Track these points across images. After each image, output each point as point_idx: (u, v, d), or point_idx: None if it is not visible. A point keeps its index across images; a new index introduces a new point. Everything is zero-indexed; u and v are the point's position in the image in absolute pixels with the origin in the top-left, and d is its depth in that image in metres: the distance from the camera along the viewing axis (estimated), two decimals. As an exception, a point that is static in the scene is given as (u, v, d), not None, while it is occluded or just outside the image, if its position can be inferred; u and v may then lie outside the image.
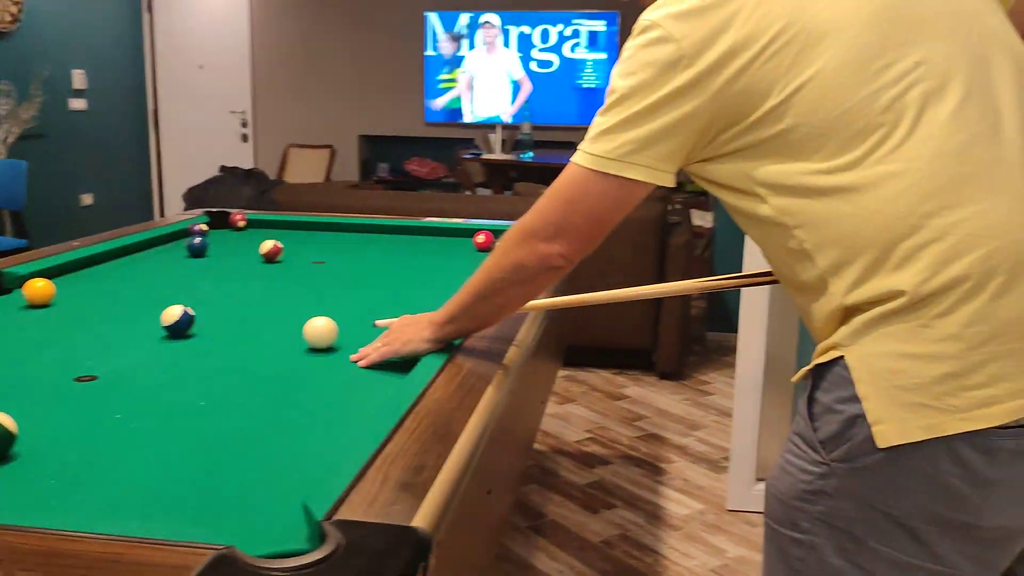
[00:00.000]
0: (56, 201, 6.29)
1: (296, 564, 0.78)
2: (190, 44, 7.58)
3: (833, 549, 1.02)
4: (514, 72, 7.44)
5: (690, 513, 2.79)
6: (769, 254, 1.11)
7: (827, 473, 1.01)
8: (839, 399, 0.99)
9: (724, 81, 1.01)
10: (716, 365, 4.34)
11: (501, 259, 1.27)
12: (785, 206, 1.02)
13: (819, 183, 0.99)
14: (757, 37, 1.00)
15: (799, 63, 0.99)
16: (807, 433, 1.04)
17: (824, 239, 1.00)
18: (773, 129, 1.01)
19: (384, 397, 1.27)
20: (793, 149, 1.00)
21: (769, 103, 1.00)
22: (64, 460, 1.08)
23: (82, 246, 2.31)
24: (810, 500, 1.02)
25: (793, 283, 1.08)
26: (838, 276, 1.00)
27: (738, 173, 1.06)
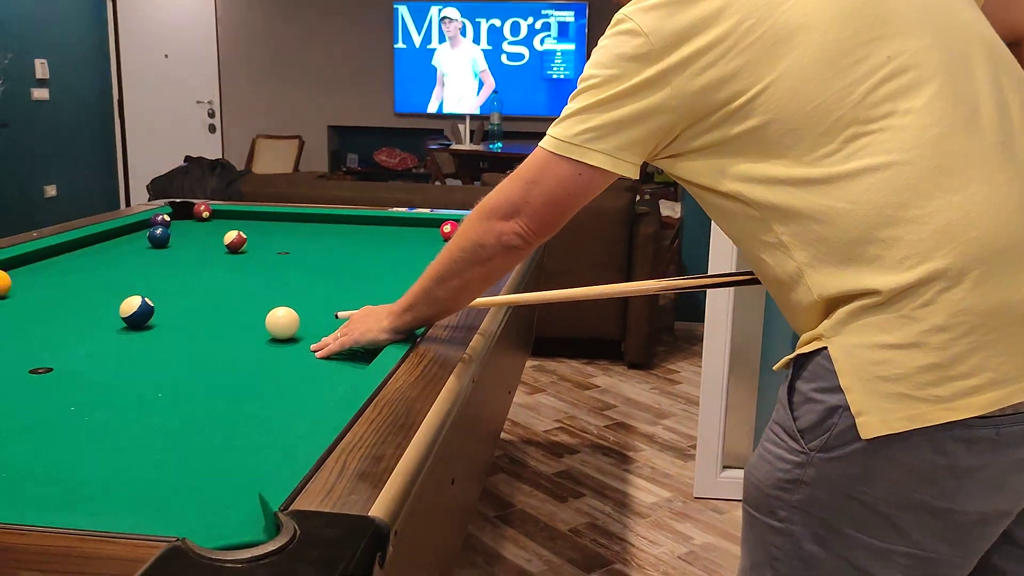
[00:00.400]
0: (19, 192, 6.19)
1: (250, 555, 0.77)
2: (155, 33, 7.48)
3: (810, 537, 1.02)
4: (478, 65, 7.42)
5: (657, 501, 2.81)
6: (745, 249, 1.11)
7: (805, 462, 1.01)
8: (820, 389, 0.99)
9: (690, 77, 1.02)
10: (684, 354, 4.36)
11: (460, 239, 1.27)
12: (760, 201, 1.02)
13: (794, 176, 1.00)
14: (726, 35, 1.00)
15: (768, 60, 0.99)
16: (786, 422, 1.04)
17: (801, 232, 1.00)
18: (744, 125, 1.01)
19: (345, 387, 1.26)
20: (766, 145, 1.01)
21: (738, 100, 1.01)
22: (14, 453, 1.06)
23: (41, 237, 2.27)
24: (788, 488, 1.03)
25: (771, 277, 1.07)
26: (816, 269, 1.00)
27: (710, 169, 1.06)
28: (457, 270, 1.29)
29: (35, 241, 2.21)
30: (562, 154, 1.11)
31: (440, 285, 1.34)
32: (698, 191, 1.11)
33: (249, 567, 0.75)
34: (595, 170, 1.09)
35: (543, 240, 1.21)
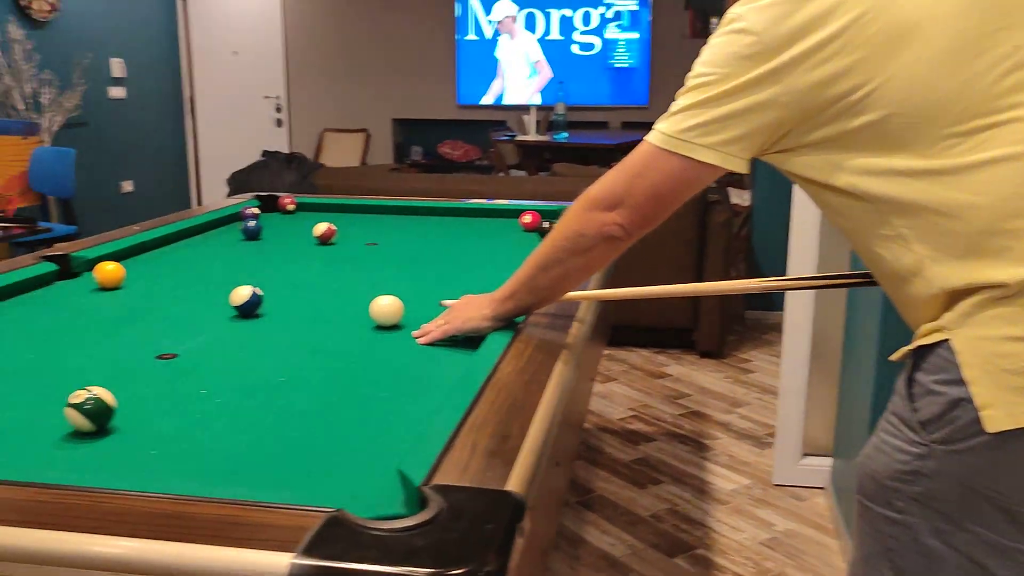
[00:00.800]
0: (98, 188, 6.40)
1: (404, 525, 0.82)
2: (224, 31, 7.65)
3: (929, 530, 1.02)
4: (531, 56, 7.44)
5: (736, 488, 2.82)
6: (859, 243, 1.11)
7: (926, 454, 1.01)
8: (942, 381, 0.99)
9: (803, 73, 1.03)
10: (756, 343, 4.35)
11: (562, 227, 1.31)
12: (878, 194, 1.03)
13: (915, 169, 1.00)
14: (841, 31, 1.01)
15: (887, 54, 1.00)
16: (905, 413, 1.04)
17: (922, 225, 1.00)
18: (862, 119, 1.02)
19: (457, 372, 1.31)
20: (886, 138, 1.01)
21: (856, 94, 1.01)
22: (160, 432, 1.13)
23: (143, 230, 2.37)
24: (907, 480, 1.03)
25: (886, 270, 1.08)
26: (939, 262, 1.00)
27: (824, 164, 1.07)
28: (558, 259, 1.33)
29: (138, 235, 2.31)
30: (669, 149, 1.13)
31: (541, 273, 1.37)
32: (810, 186, 1.12)
33: (407, 536, 0.80)
34: (702, 165, 1.11)
35: (644, 232, 1.23)
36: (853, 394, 2.48)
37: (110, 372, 1.35)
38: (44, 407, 1.19)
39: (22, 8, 5.65)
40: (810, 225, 2.69)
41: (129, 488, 0.90)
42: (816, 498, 2.75)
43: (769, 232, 4.47)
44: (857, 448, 2.36)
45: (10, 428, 1.13)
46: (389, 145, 7.91)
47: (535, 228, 2.53)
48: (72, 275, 1.99)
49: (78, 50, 6.10)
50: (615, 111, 7.47)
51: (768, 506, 2.70)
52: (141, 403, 1.22)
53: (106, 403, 1.11)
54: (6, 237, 3.99)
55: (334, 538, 0.80)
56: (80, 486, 0.90)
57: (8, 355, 1.43)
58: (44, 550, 0.80)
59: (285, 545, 0.78)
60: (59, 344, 1.50)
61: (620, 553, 2.42)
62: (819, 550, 2.45)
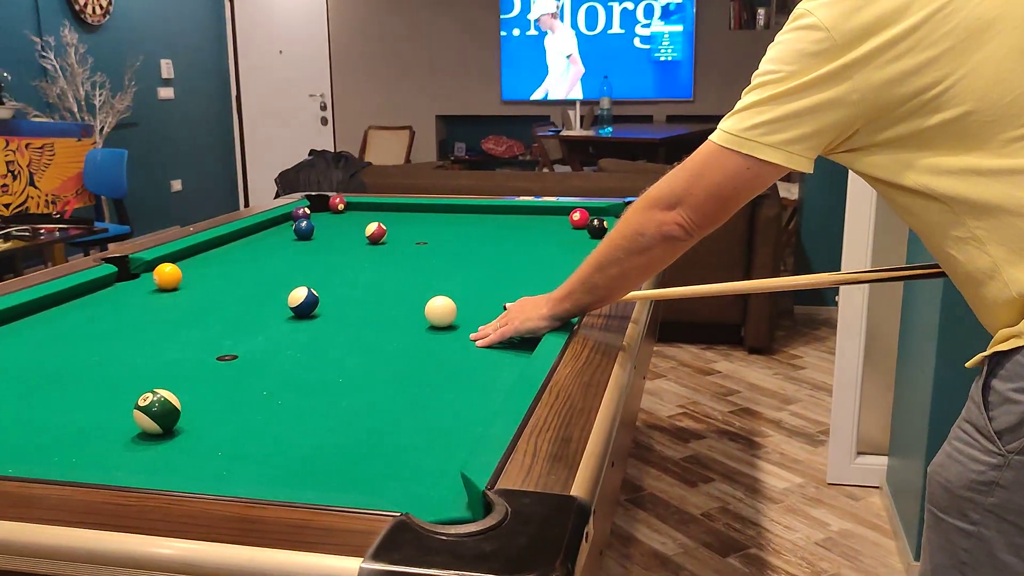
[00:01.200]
0: (149, 188, 6.52)
1: (471, 530, 0.82)
2: (270, 30, 7.74)
3: (1004, 543, 1.00)
4: (565, 50, 7.41)
5: (789, 486, 2.79)
6: (931, 244, 1.09)
7: (1002, 464, 0.99)
8: (1020, 389, 0.97)
9: (875, 70, 1.01)
10: (806, 339, 4.29)
11: (622, 226, 1.29)
12: (951, 194, 1.01)
13: (992, 168, 0.98)
14: (915, 27, 0.99)
15: (964, 51, 0.98)
16: (980, 422, 1.02)
17: (998, 226, 0.99)
18: (938, 117, 1.00)
19: (514, 373, 1.31)
20: (962, 137, 1.00)
21: (930, 92, 1.00)
22: (225, 434, 1.15)
23: (197, 231, 2.41)
24: (982, 491, 1.01)
25: (960, 273, 1.06)
26: (1016, 264, 0.98)
27: (894, 163, 1.05)
28: (616, 258, 1.31)
29: (193, 236, 2.35)
30: (732, 148, 1.11)
31: (599, 273, 1.36)
32: (879, 185, 1.10)
33: (474, 541, 0.81)
34: (765, 164, 1.10)
35: (705, 233, 1.21)
36: (910, 391, 2.44)
37: (173, 374, 1.38)
38: (112, 409, 1.21)
39: (76, 12, 5.77)
40: (864, 217, 2.64)
41: (198, 491, 0.92)
42: (871, 497, 2.71)
43: (818, 225, 4.40)
44: (914, 447, 2.32)
45: (81, 430, 1.16)
46: (433, 142, 7.95)
47: (583, 225, 2.53)
48: (131, 277, 2.03)
49: (129, 52, 6.22)
50: (660, 104, 7.42)
51: (822, 505, 2.66)
52: (205, 405, 1.24)
53: (172, 405, 1.13)
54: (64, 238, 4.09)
55: (402, 543, 0.80)
56: (153, 489, 0.92)
57: (75, 357, 1.46)
58: (122, 552, 0.82)
59: (354, 549, 0.79)
60: (123, 346, 1.53)
61: (671, 552, 2.41)
62: (876, 550, 2.41)
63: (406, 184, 4.25)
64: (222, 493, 0.91)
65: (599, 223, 2.42)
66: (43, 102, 5.50)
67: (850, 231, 2.68)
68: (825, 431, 3.12)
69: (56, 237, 4.08)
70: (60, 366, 1.42)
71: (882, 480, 2.73)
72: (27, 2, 5.46)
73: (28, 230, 4.02)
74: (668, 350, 4.14)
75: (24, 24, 5.42)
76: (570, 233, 2.52)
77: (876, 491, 2.74)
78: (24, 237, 3.95)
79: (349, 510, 0.87)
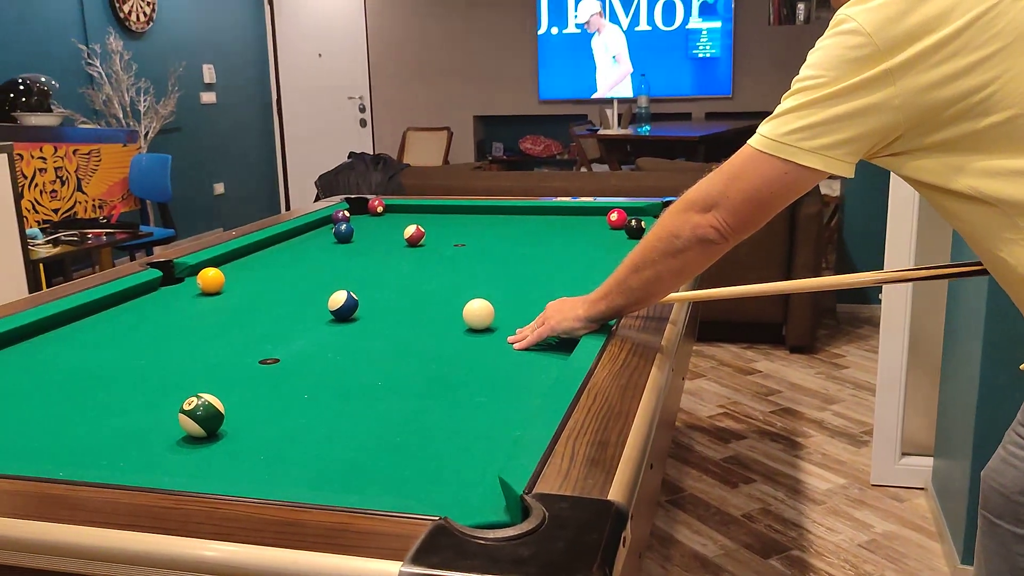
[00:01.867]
0: (192, 191, 6.63)
1: (509, 535, 0.83)
2: (309, 34, 7.83)
3: None
4: (611, 49, 7.38)
5: (832, 488, 2.76)
6: (982, 247, 1.08)
7: None
8: None
9: (918, 75, 1.00)
10: (849, 337, 4.24)
11: (658, 228, 1.29)
12: (1003, 196, 1.00)
13: None
14: (960, 31, 0.98)
15: (1011, 54, 0.97)
16: None
17: None
18: (988, 120, 0.99)
19: (551, 376, 1.31)
20: (1013, 139, 0.98)
21: (978, 95, 0.99)
22: (267, 437, 1.17)
23: (239, 235, 2.44)
24: None
25: (1012, 276, 1.05)
26: None
27: (942, 167, 1.04)
28: (651, 260, 1.31)
29: (235, 240, 2.38)
30: (770, 152, 1.10)
31: (634, 275, 1.36)
32: (926, 190, 1.09)
33: (511, 546, 0.81)
34: (804, 169, 1.09)
35: (741, 237, 1.21)
36: (955, 391, 2.40)
37: (217, 377, 1.40)
38: (157, 412, 1.24)
39: (121, 20, 5.89)
40: (908, 213, 2.60)
41: (241, 494, 0.93)
42: (917, 499, 2.67)
43: (861, 223, 4.34)
44: (960, 448, 2.28)
45: (128, 433, 1.18)
46: (471, 142, 7.97)
47: (621, 225, 2.52)
48: (175, 281, 2.07)
49: (172, 58, 6.32)
50: (698, 102, 7.37)
51: (866, 507, 2.63)
52: (247, 408, 1.26)
53: (216, 409, 1.15)
54: (111, 242, 4.17)
55: (441, 547, 0.81)
56: (197, 492, 0.94)
57: (122, 361, 1.50)
58: (167, 554, 0.83)
59: (394, 553, 0.80)
60: (167, 350, 1.57)
61: (712, 553, 2.40)
62: (921, 553, 2.38)
63: (444, 185, 4.28)
64: (264, 496, 0.93)
65: (637, 223, 2.41)
66: (90, 109, 5.62)
67: (893, 228, 2.64)
68: (868, 431, 3.08)
69: (103, 241, 4.17)
70: (107, 370, 1.45)
71: (927, 482, 2.68)
72: (74, 11, 5.58)
73: (76, 235, 4.11)
74: (708, 349, 4.11)
75: (71, 33, 5.54)
76: (608, 233, 2.51)
77: (921, 493, 2.70)
78: (73, 241, 4.03)
79: (388, 514, 0.88)
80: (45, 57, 5.31)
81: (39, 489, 0.96)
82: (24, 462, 1.08)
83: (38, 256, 3.80)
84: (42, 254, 3.84)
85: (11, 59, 5.04)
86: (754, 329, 4.18)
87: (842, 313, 4.58)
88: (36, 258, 3.77)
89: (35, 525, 0.88)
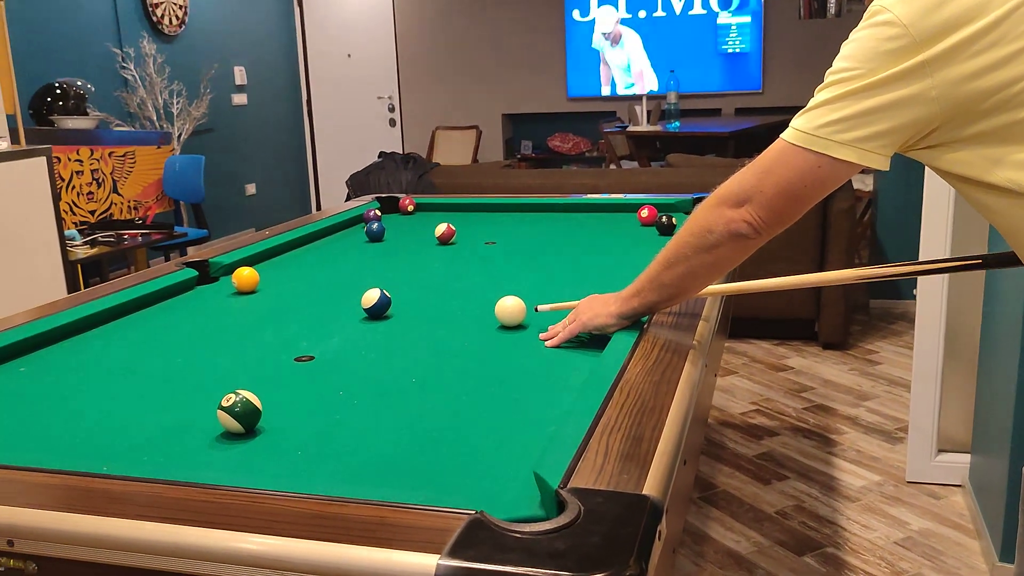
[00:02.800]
0: (225, 192, 6.70)
1: (545, 528, 0.83)
2: (338, 35, 7.87)
3: None
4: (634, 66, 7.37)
5: (866, 484, 2.73)
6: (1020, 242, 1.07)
7: None
8: None
9: (956, 66, 0.99)
10: (882, 333, 4.19)
11: (691, 223, 1.28)
12: None
13: None
14: (999, 21, 0.97)
15: None
16: None
17: None
18: None
19: (584, 372, 1.32)
20: None
21: (1016, 87, 0.97)
22: (304, 433, 1.18)
23: (272, 235, 2.47)
24: None
25: None
26: None
27: (981, 159, 1.03)
28: (684, 256, 1.30)
29: (269, 239, 2.41)
30: (803, 146, 1.10)
31: (667, 271, 1.35)
32: (962, 184, 1.08)
33: (548, 539, 0.82)
34: (838, 162, 1.08)
35: (774, 232, 1.20)
36: (993, 387, 2.37)
37: (254, 374, 1.42)
38: (197, 409, 1.26)
39: (154, 24, 5.96)
40: (943, 208, 2.57)
41: (280, 488, 0.95)
42: (954, 496, 2.64)
43: (894, 217, 4.30)
44: (999, 445, 2.25)
45: (168, 429, 1.21)
46: (500, 140, 7.98)
47: (652, 222, 2.51)
48: (211, 280, 2.10)
49: (204, 61, 6.40)
50: (728, 97, 7.32)
51: (902, 504, 2.60)
52: (284, 405, 1.28)
53: (254, 405, 1.17)
54: (147, 243, 4.23)
55: (478, 540, 0.82)
56: (237, 486, 0.95)
57: (160, 359, 1.52)
58: (209, 547, 0.85)
59: (431, 546, 0.81)
60: (205, 348, 1.59)
61: (746, 550, 2.39)
62: (959, 551, 2.35)
63: (474, 183, 4.29)
64: (302, 490, 0.95)
65: (667, 220, 2.41)
66: (124, 112, 5.70)
67: (927, 222, 2.61)
68: (904, 428, 3.05)
69: (139, 242, 4.23)
70: (147, 367, 1.48)
71: (964, 478, 2.65)
72: (108, 16, 5.66)
73: (113, 236, 4.17)
74: (740, 346, 4.09)
75: (106, 37, 5.62)
76: (638, 230, 2.51)
77: (958, 490, 2.67)
78: (109, 242, 4.10)
79: (426, 507, 0.89)
80: (81, 62, 5.39)
81: (85, 483, 0.99)
82: (69, 457, 1.10)
83: (76, 257, 3.87)
84: (80, 255, 3.90)
85: (49, 64, 5.13)
86: (786, 325, 4.15)
87: (875, 309, 4.53)
88: (74, 259, 3.84)
89: (82, 518, 0.90)
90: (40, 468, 1.03)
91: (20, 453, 1.13)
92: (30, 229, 3.45)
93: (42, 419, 1.27)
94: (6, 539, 0.90)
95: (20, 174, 3.39)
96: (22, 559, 0.90)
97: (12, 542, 0.90)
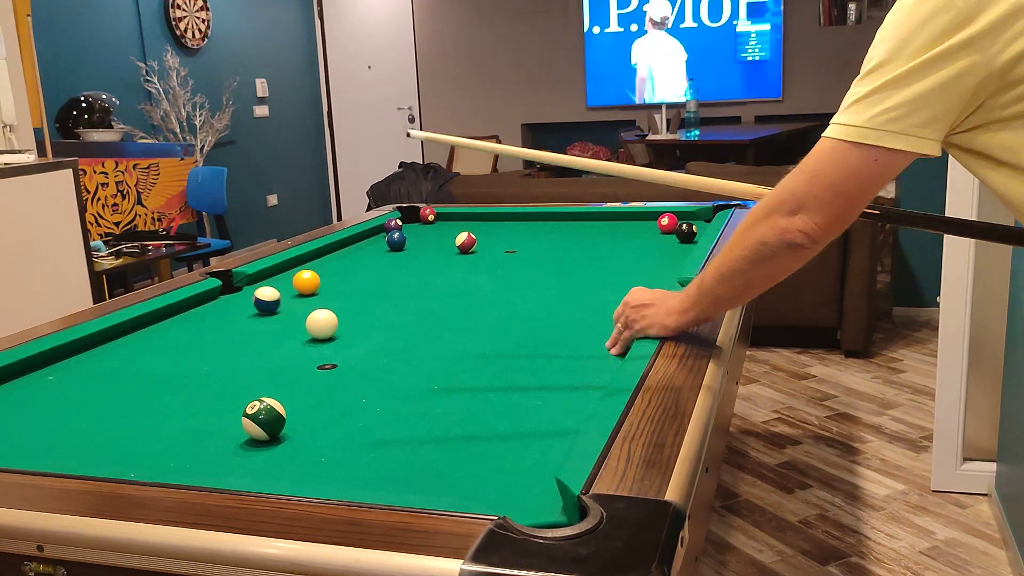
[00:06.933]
0: (247, 203, 6.75)
1: (567, 534, 0.84)
2: (358, 47, 7.93)
3: None
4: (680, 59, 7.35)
5: (891, 493, 2.71)
6: None
7: None
8: None
9: (1003, 42, 0.95)
10: (906, 341, 4.16)
11: (741, 237, 1.21)
12: None
13: None
14: None
15: None
16: None
17: None
18: None
19: (606, 377, 1.32)
20: None
21: None
22: (327, 440, 1.19)
23: (294, 245, 2.49)
24: None
25: None
26: None
27: (1019, 142, 0.99)
28: (740, 269, 1.24)
29: (291, 249, 2.43)
30: (854, 140, 1.04)
31: (722, 284, 1.29)
32: (994, 173, 1.03)
33: (570, 545, 0.82)
34: (893, 153, 1.02)
35: (832, 237, 1.13)
36: (1019, 394, 2.34)
37: (277, 382, 1.44)
38: (221, 416, 1.27)
39: (177, 37, 6.04)
40: (966, 214, 2.55)
41: (304, 494, 0.96)
42: (979, 505, 2.61)
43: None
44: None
45: (194, 435, 1.22)
46: (519, 150, 7.99)
47: (672, 230, 2.51)
48: (234, 290, 2.12)
49: (226, 73, 6.46)
50: (748, 105, 7.30)
51: (927, 513, 2.58)
52: (308, 412, 1.29)
53: (278, 413, 1.18)
54: (171, 254, 4.27)
55: (500, 545, 0.82)
56: (262, 492, 0.96)
57: (186, 367, 1.54)
58: (234, 552, 0.86)
59: (454, 552, 0.81)
60: (229, 356, 1.61)
61: (768, 559, 2.37)
62: (985, 560, 2.33)
63: (494, 193, 4.30)
64: (326, 497, 0.95)
65: (688, 227, 2.41)
66: (148, 124, 5.77)
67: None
68: (928, 436, 3.02)
69: (163, 253, 4.27)
70: (172, 375, 1.49)
71: (991, 487, 2.62)
72: (132, 30, 5.73)
73: (137, 247, 4.22)
74: (761, 354, 4.07)
75: (130, 51, 5.70)
76: (659, 238, 2.51)
77: (984, 499, 2.64)
78: (134, 253, 4.14)
79: (448, 513, 0.89)
80: (106, 75, 5.46)
81: (112, 489, 1.00)
82: (97, 464, 1.12)
83: (101, 268, 3.91)
84: (105, 266, 3.95)
85: (74, 78, 5.20)
86: (808, 333, 4.12)
87: (899, 316, 4.50)
88: (99, 270, 3.88)
89: (109, 524, 0.91)
90: (69, 474, 1.04)
91: (49, 459, 1.14)
92: (57, 240, 3.49)
93: (70, 426, 1.29)
94: (36, 544, 0.92)
95: (47, 187, 3.44)
96: (52, 564, 0.92)
97: (42, 547, 0.91)
